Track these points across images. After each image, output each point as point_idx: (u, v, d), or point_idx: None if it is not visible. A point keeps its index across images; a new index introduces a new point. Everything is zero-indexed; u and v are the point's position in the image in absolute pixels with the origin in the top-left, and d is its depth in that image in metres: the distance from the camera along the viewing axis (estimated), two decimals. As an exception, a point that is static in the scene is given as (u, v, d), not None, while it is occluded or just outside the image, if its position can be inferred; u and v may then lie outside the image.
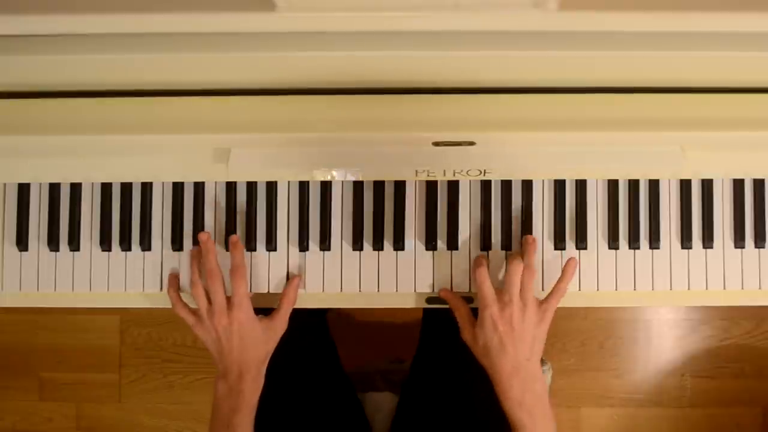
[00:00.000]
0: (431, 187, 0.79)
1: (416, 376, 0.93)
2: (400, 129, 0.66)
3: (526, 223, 0.78)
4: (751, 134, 0.67)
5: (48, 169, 0.76)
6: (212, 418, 0.74)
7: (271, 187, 0.79)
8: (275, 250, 0.79)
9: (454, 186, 0.79)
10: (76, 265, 0.80)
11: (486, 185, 0.79)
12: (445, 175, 0.73)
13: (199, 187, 0.79)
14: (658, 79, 0.67)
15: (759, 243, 0.78)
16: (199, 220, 0.79)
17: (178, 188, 0.79)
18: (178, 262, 0.79)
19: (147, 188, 0.80)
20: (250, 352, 0.74)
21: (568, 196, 0.79)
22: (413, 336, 0.98)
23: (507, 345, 0.71)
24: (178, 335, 1.57)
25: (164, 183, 0.80)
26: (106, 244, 0.80)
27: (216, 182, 0.79)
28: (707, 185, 0.78)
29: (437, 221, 0.79)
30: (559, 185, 0.79)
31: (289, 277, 0.79)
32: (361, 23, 0.55)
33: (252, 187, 0.79)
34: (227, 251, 0.77)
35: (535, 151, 0.70)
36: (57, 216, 0.80)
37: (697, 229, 0.79)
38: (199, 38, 0.62)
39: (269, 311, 0.77)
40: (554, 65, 0.65)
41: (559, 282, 0.75)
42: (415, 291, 0.79)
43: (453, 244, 0.79)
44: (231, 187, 0.79)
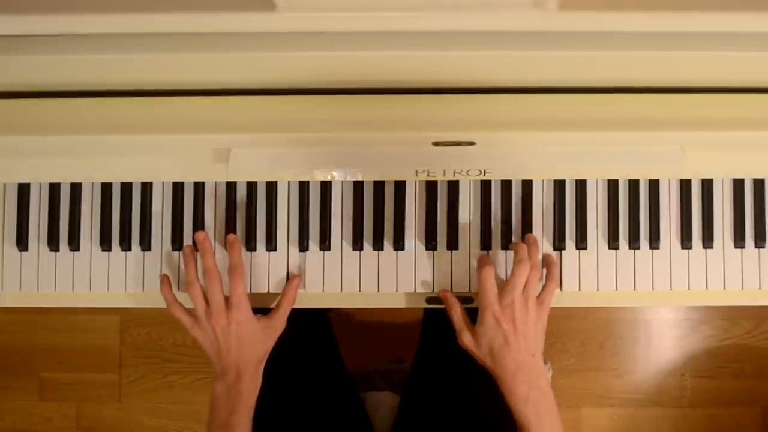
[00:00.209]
0: (431, 187, 0.79)
1: (417, 376, 0.93)
2: (400, 129, 0.66)
3: (526, 223, 0.78)
4: (751, 134, 0.67)
5: (48, 169, 0.76)
6: (210, 418, 0.73)
7: (271, 187, 0.79)
8: (275, 250, 0.79)
9: (454, 186, 0.79)
10: (76, 265, 0.80)
11: (486, 185, 0.79)
12: (445, 175, 0.73)
13: (199, 187, 0.79)
14: (658, 79, 0.67)
15: (759, 243, 0.78)
16: (199, 220, 0.79)
17: (178, 188, 0.80)
18: (178, 262, 0.79)
19: (147, 188, 0.80)
20: (248, 352, 0.73)
21: (568, 196, 0.79)
22: (413, 336, 0.98)
23: (511, 343, 0.70)
24: (178, 335, 1.57)
25: (164, 183, 0.80)
26: (106, 244, 0.80)
27: (216, 182, 0.79)
28: (707, 185, 0.78)
29: (437, 221, 0.79)
30: (559, 185, 0.79)
31: (288, 277, 0.79)
32: (361, 23, 0.55)
33: (252, 187, 0.79)
34: (227, 251, 0.77)
35: (535, 151, 0.70)
36: (57, 216, 0.80)
37: (697, 229, 0.79)
38: (199, 38, 0.62)
39: (268, 311, 0.77)
40: (554, 65, 0.65)
41: (549, 275, 0.76)
42: (415, 291, 0.79)
43: (453, 244, 0.79)
44: (231, 187, 0.79)
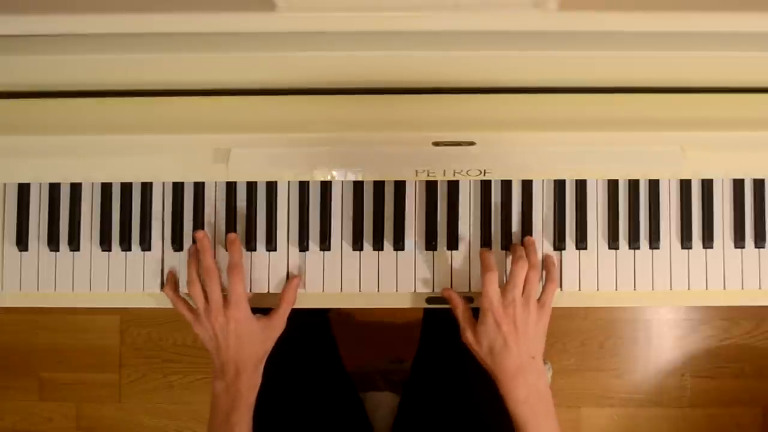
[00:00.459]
0: (431, 187, 0.79)
1: (417, 376, 0.93)
2: (400, 129, 0.66)
3: (526, 223, 0.78)
4: (751, 134, 0.67)
5: (48, 169, 0.76)
6: (210, 416, 0.74)
7: (271, 187, 0.79)
8: (275, 250, 0.79)
9: (454, 186, 0.79)
10: (76, 265, 0.80)
11: (486, 185, 0.79)
12: (445, 175, 0.73)
13: (199, 187, 0.79)
14: (658, 79, 0.66)
15: (759, 243, 0.78)
16: (199, 220, 0.79)
17: (178, 188, 0.79)
18: (178, 262, 0.79)
19: (147, 188, 0.80)
20: (247, 350, 0.74)
21: (568, 196, 0.79)
22: (413, 336, 0.98)
23: (511, 344, 0.71)
24: (178, 335, 1.57)
25: (164, 183, 0.80)
26: (106, 244, 0.80)
27: (216, 182, 0.79)
28: (707, 185, 0.78)
29: (437, 221, 0.79)
30: (559, 185, 0.79)
31: (288, 277, 0.79)
32: (361, 23, 0.55)
33: (252, 187, 0.79)
34: (227, 251, 0.77)
35: (535, 151, 0.70)
36: (57, 216, 0.80)
37: (697, 229, 0.78)
38: (199, 38, 0.62)
39: (268, 311, 0.77)
40: (554, 65, 0.65)
41: (548, 276, 0.76)
42: (415, 291, 0.79)
43: (453, 244, 0.79)
44: (231, 187, 0.79)
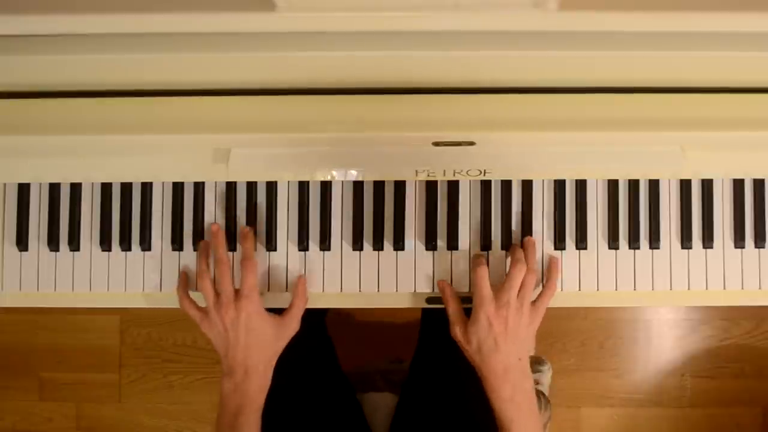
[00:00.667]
0: (431, 187, 0.79)
1: (415, 377, 0.93)
2: (400, 129, 0.66)
3: (526, 223, 0.78)
4: (751, 134, 0.67)
5: (48, 169, 0.76)
6: (218, 416, 0.73)
7: (271, 187, 0.79)
8: (275, 250, 0.79)
9: (454, 186, 0.79)
10: (76, 265, 0.80)
11: (486, 185, 0.79)
12: (445, 175, 0.73)
13: (199, 187, 0.79)
14: (658, 79, 0.66)
15: (759, 243, 0.78)
16: (199, 220, 0.79)
17: (178, 188, 0.79)
18: (178, 262, 0.79)
19: (147, 188, 0.80)
20: (258, 348, 0.72)
21: (568, 196, 0.79)
22: (413, 336, 0.98)
23: (501, 345, 0.71)
24: (179, 335, 1.57)
25: (164, 183, 0.80)
26: (106, 244, 0.80)
27: (216, 182, 0.79)
28: (707, 185, 0.78)
29: (437, 221, 0.79)
30: (559, 185, 0.79)
31: (288, 276, 0.79)
32: (361, 23, 0.55)
33: (252, 187, 0.79)
34: (240, 244, 0.77)
35: (535, 151, 0.70)
36: (57, 216, 0.80)
37: (697, 229, 0.78)
38: (199, 38, 0.62)
39: (279, 311, 0.76)
40: (554, 65, 0.65)
41: (548, 280, 0.76)
42: (415, 291, 0.79)
43: (453, 244, 0.79)
44: (231, 187, 0.79)
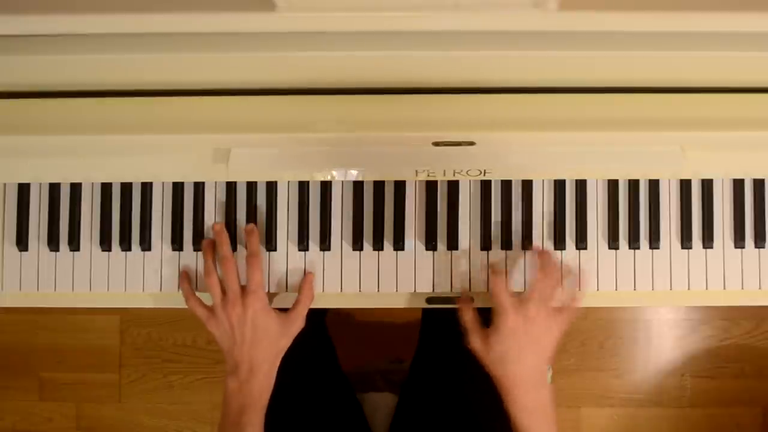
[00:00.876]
0: (431, 187, 0.79)
1: (415, 377, 0.93)
2: (400, 129, 0.66)
3: (526, 223, 0.78)
4: (751, 134, 0.67)
5: (48, 169, 0.76)
6: (222, 415, 0.72)
7: (271, 187, 0.79)
8: (275, 249, 0.79)
9: (454, 186, 0.79)
10: (76, 265, 0.80)
11: (486, 185, 0.79)
12: (445, 175, 0.73)
13: (199, 187, 0.79)
14: (658, 79, 0.66)
15: (759, 243, 0.78)
16: (199, 220, 0.79)
17: (178, 188, 0.79)
18: (178, 262, 0.79)
19: (147, 188, 0.80)
20: (263, 345, 0.72)
21: (568, 196, 0.79)
22: (413, 336, 0.98)
23: (524, 355, 0.70)
24: (178, 335, 1.57)
25: (164, 183, 0.80)
26: (106, 244, 0.79)
27: (216, 182, 0.79)
28: (707, 185, 0.78)
29: (437, 221, 0.79)
30: (559, 185, 0.79)
31: (288, 276, 0.79)
32: (361, 23, 0.55)
33: (252, 187, 0.79)
34: (245, 240, 0.77)
35: (535, 151, 0.70)
36: (57, 216, 0.80)
37: (697, 229, 0.78)
38: (199, 38, 0.62)
39: (284, 311, 0.76)
40: (554, 65, 0.65)
41: (575, 297, 0.75)
42: (415, 291, 0.79)
43: (453, 244, 0.79)
44: (231, 187, 0.79)
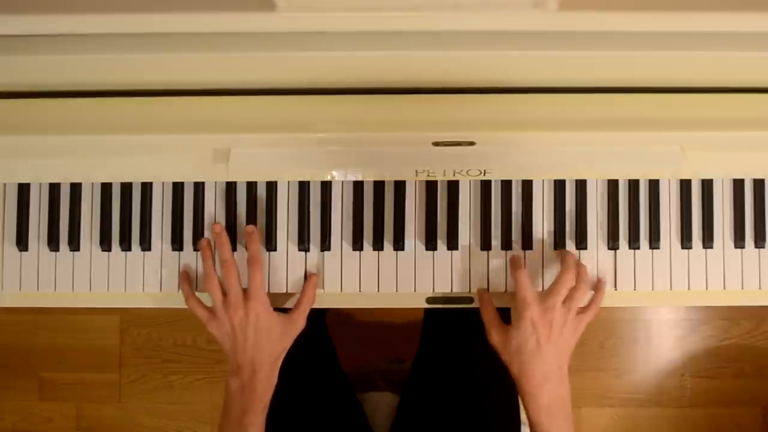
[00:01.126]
0: (431, 187, 0.79)
1: (417, 377, 0.93)
2: (400, 129, 0.66)
3: (526, 223, 0.78)
4: (751, 134, 0.67)
5: (48, 169, 0.76)
6: (222, 416, 0.72)
7: (271, 187, 0.79)
8: (275, 250, 0.79)
9: (454, 186, 0.79)
10: (76, 265, 0.80)
11: (486, 185, 0.79)
12: (445, 175, 0.73)
13: (199, 187, 0.79)
14: (658, 79, 0.66)
15: (759, 243, 0.78)
16: (199, 220, 0.79)
17: (178, 188, 0.79)
18: (178, 262, 0.79)
19: (147, 188, 0.80)
20: (265, 346, 0.72)
21: (568, 196, 0.79)
22: (413, 336, 0.98)
23: (543, 349, 0.69)
24: (178, 335, 1.57)
25: (164, 183, 0.80)
26: (106, 244, 0.79)
27: (216, 182, 0.79)
28: (707, 185, 0.78)
29: (437, 221, 0.79)
30: (559, 185, 0.79)
31: (288, 276, 0.79)
32: (361, 23, 0.55)
33: (252, 187, 0.79)
34: (245, 243, 0.77)
35: (534, 151, 0.70)
36: (57, 216, 0.80)
37: (697, 229, 0.78)
38: (199, 38, 0.62)
39: (284, 311, 0.76)
40: (554, 65, 0.65)
41: (595, 299, 0.76)
42: (415, 291, 0.79)
43: (453, 244, 0.79)
44: (231, 187, 0.79)
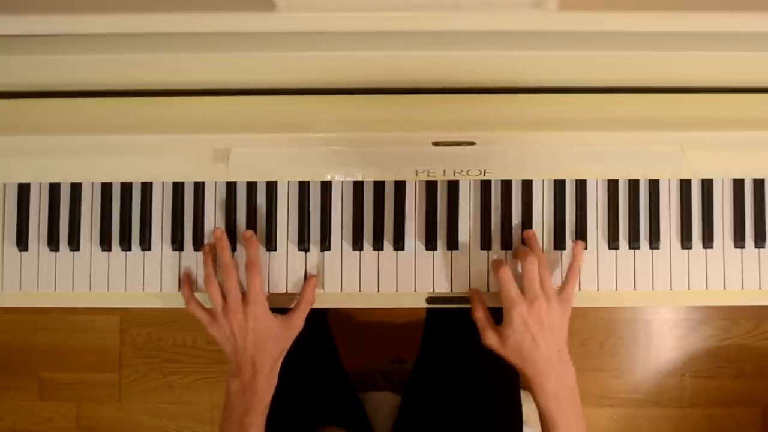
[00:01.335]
0: (431, 187, 0.79)
1: (419, 377, 0.93)
2: (400, 129, 0.66)
3: (526, 223, 0.78)
4: (751, 134, 0.67)
5: (48, 169, 0.76)
6: (223, 417, 0.73)
7: (271, 187, 0.79)
8: (275, 250, 0.79)
9: (454, 186, 0.79)
10: (76, 265, 0.80)
11: (486, 185, 0.79)
12: (445, 175, 0.73)
13: (199, 187, 0.79)
14: (658, 79, 0.67)
15: (759, 243, 0.78)
16: (199, 220, 0.79)
17: (178, 188, 0.79)
18: (178, 262, 0.79)
19: (147, 188, 0.80)
20: (265, 348, 0.73)
21: (568, 196, 0.79)
22: (413, 336, 0.98)
23: (539, 341, 0.70)
24: (178, 335, 1.57)
25: (164, 183, 0.80)
26: (106, 244, 0.79)
27: (216, 182, 0.79)
28: (707, 185, 0.78)
29: (437, 221, 0.79)
30: (559, 185, 0.79)
31: (289, 276, 0.79)
32: (361, 23, 0.55)
33: (252, 187, 0.79)
34: (244, 248, 0.77)
35: (534, 151, 0.70)
36: (57, 216, 0.80)
37: (697, 229, 0.79)
38: (199, 38, 0.62)
39: (284, 312, 0.76)
40: (554, 65, 0.65)
41: (571, 266, 0.76)
42: (415, 291, 0.79)
43: (453, 244, 0.79)
44: (231, 187, 0.79)
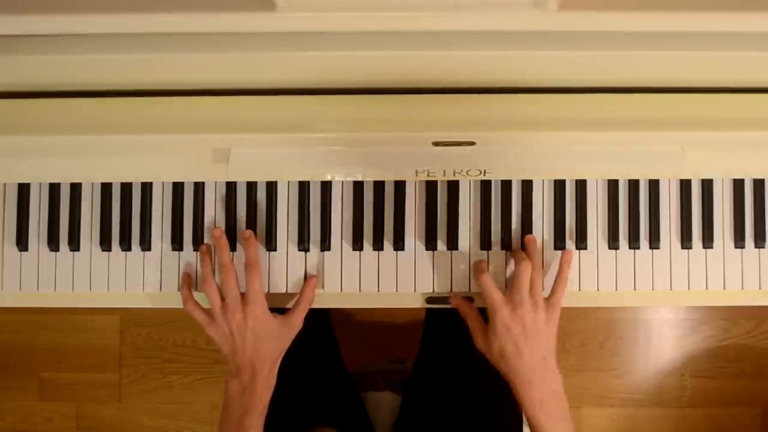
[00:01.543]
0: (431, 187, 0.79)
1: (419, 377, 0.93)
2: (400, 129, 0.66)
3: (526, 223, 0.78)
4: (751, 134, 0.67)
5: (48, 169, 0.76)
6: (222, 417, 0.72)
7: (271, 187, 0.79)
8: (275, 250, 0.79)
9: (454, 186, 0.79)
10: (76, 265, 0.80)
11: (486, 185, 0.79)
12: (445, 175, 0.73)
13: (199, 187, 0.79)
14: (658, 79, 0.66)
15: (759, 243, 0.78)
16: (199, 220, 0.79)
17: (178, 188, 0.79)
18: (178, 262, 0.79)
19: (147, 188, 0.80)
20: (264, 349, 0.72)
21: (568, 196, 0.79)
22: (413, 336, 0.98)
23: (522, 347, 0.69)
24: (178, 335, 1.57)
25: (164, 183, 0.80)
26: (106, 244, 0.79)
27: (216, 182, 0.79)
28: (707, 185, 0.78)
29: (437, 221, 0.79)
30: (559, 185, 0.79)
31: (289, 276, 0.79)
32: (361, 23, 0.55)
33: (252, 187, 0.79)
34: (243, 248, 0.77)
35: (534, 151, 0.70)
36: (57, 216, 0.80)
37: (697, 229, 0.78)
38: (199, 38, 0.62)
39: (283, 312, 0.76)
40: (554, 65, 0.65)
41: (559, 274, 0.75)
42: (415, 291, 0.79)
43: (453, 244, 0.79)
44: (231, 187, 0.79)
